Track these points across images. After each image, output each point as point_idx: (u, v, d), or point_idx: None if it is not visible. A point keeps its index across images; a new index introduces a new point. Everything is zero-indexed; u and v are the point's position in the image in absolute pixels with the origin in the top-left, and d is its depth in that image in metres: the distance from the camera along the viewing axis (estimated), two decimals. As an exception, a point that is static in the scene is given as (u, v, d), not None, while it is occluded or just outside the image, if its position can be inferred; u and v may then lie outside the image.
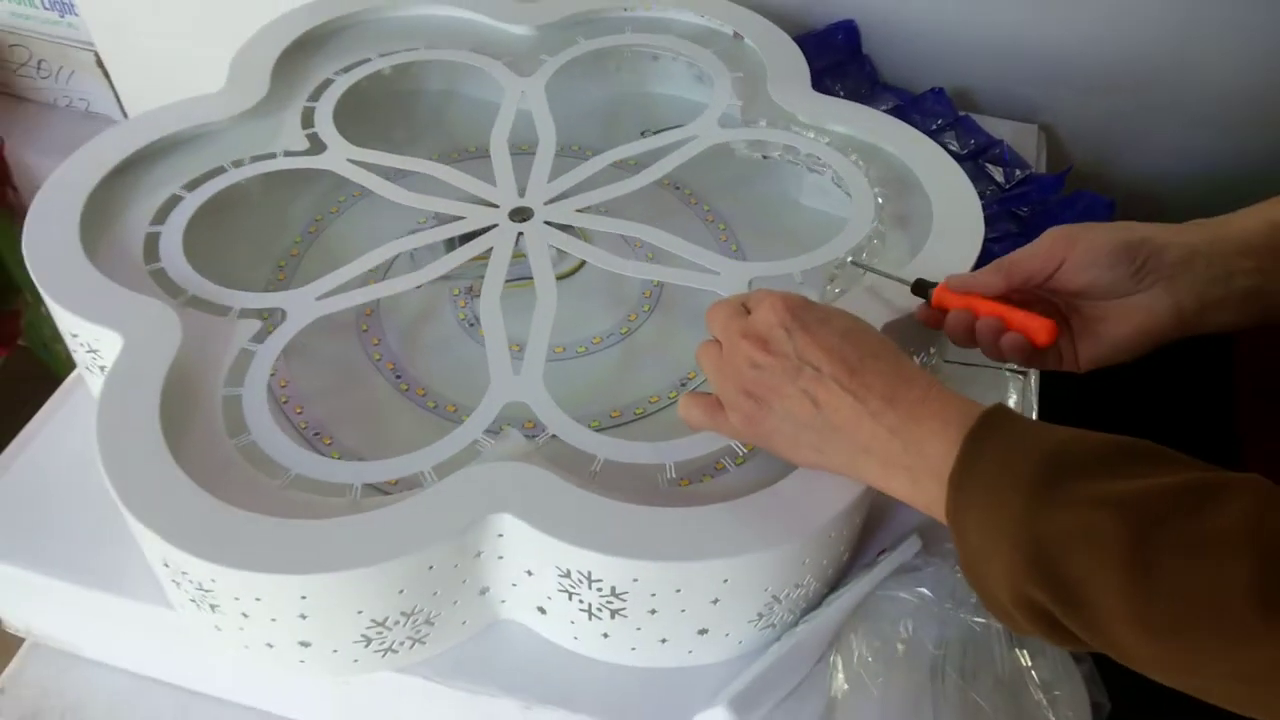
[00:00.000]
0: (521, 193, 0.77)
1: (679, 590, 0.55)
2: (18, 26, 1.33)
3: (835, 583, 0.63)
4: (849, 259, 0.71)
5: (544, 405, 0.63)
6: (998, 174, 0.91)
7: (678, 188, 0.88)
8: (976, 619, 0.60)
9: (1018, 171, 0.91)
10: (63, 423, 0.71)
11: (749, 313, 0.58)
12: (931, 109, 0.97)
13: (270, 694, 0.67)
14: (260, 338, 0.66)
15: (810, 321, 0.55)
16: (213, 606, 0.56)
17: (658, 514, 0.55)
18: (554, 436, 0.61)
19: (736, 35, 0.92)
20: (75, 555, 0.64)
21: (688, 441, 0.61)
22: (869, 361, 0.54)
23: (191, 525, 0.53)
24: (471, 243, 0.73)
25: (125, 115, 1.36)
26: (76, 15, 1.29)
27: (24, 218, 1.38)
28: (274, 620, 0.55)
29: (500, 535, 0.56)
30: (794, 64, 0.88)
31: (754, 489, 0.58)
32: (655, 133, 0.93)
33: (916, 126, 0.83)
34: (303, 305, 0.68)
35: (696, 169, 0.82)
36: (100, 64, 1.33)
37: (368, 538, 0.53)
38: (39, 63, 1.36)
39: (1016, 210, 0.86)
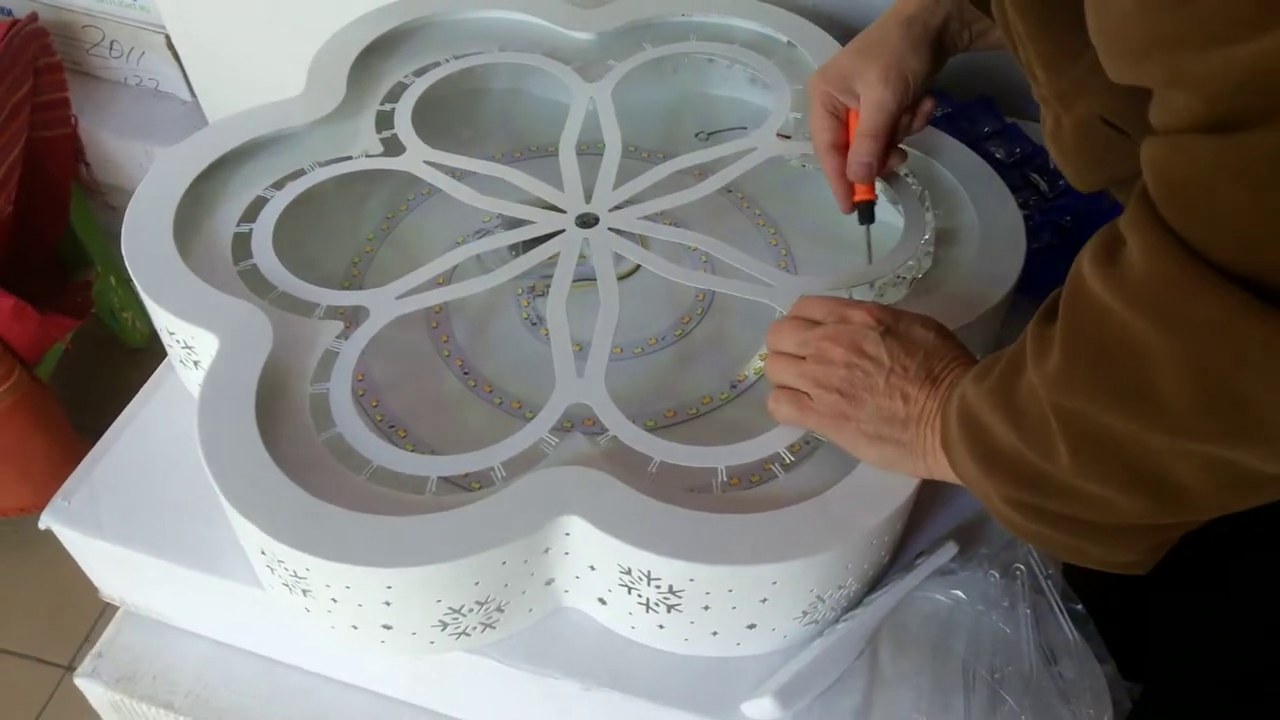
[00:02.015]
0: (588, 198, 0.81)
1: (731, 590, 0.60)
2: (91, 9, 1.38)
3: (875, 583, 0.68)
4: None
5: (606, 408, 0.67)
6: (1041, 183, 0.94)
7: (730, 190, 0.92)
8: (1006, 623, 0.65)
9: (1060, 181, 0.93)
10: (156, 410, 0.76)
11: (841, 323, 0.63)
12: (979, 116, 0.99)
13: (349, 666, 0.73)
14: (344, 335, 0.70)
15: (901, 327, 0.62)
16: (304, 592, 0.61)
17: (715, 520, 0.59)
18: (614, 437, 0.66)
19: (790, 44, 0.95)
20: (171, 535, 0.70)
21: (740, 447, 0.65)
22: (952, 364, 0.60)
23: (289, 520, 0.59)
24: (540, 247, 0.77)
25: (194, 95, 1.41)
26: (148, -1, 1.34)
27: (95, 192, 1.45)
28: (360, 606, 0.60)
29: (567, 534, 0.60)
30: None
31: (800, 492, 0.63)
32: (710, 134, 0.97)
33: (964, 134, 0.86)
34: (384, 304, 0.73)
35: (750, 174, 0.86)
36: (170, 45, 1.37)
37: (449, 535, 0.58)
38: (111, 43, 1.41)
39: (1059, 221, 0.89)
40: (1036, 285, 0.77)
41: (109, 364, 1.58)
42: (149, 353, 1.59)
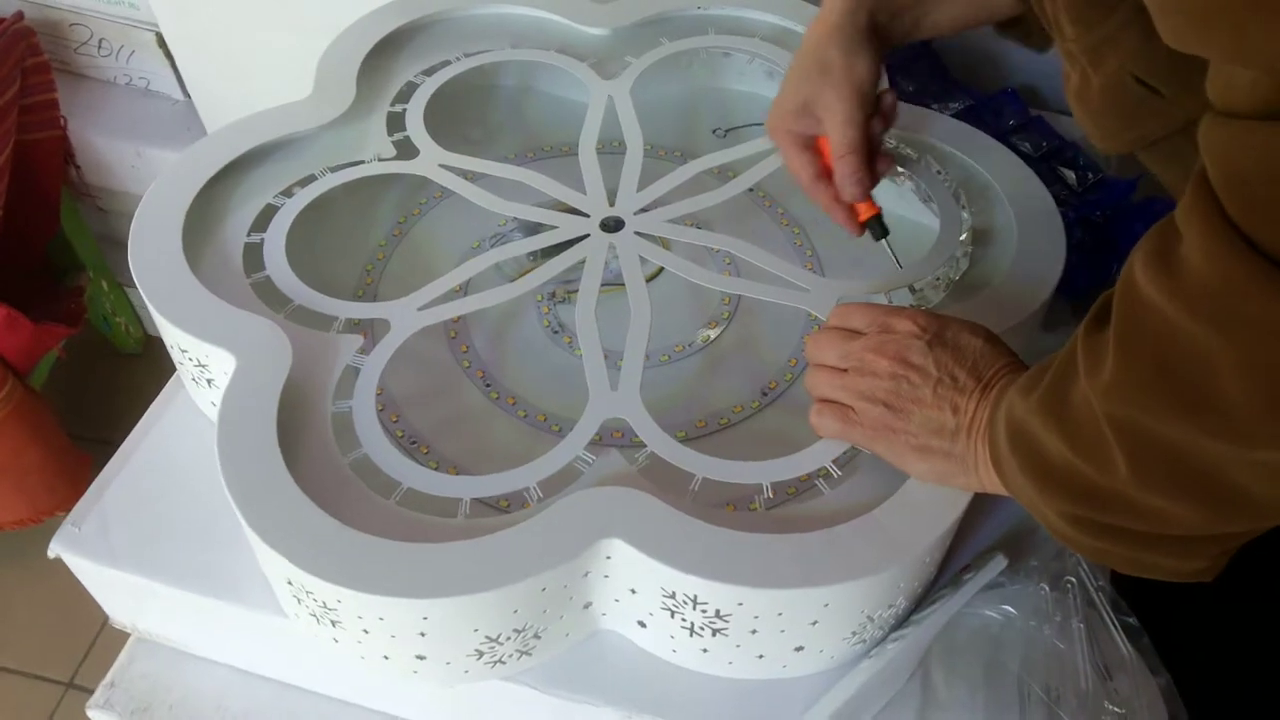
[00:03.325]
0: (611, 200, 0.78)
1: (781, 613, 0.57)
2: (79, 6, 1.34)
3: (922, 599, 0.65)
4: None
5: (643, 422, 0.65)
6: (1070, 177, 0.91)
7: (751, 189, 0.89)
8: (1060, 639, 0.62)
9: (1089, 175, 0.91)
10: (167, 430, 0.73)
11: (884, 332, 0.60)
12: (1003, 109, 0.97)
13: (377, 694, 0.70)
14: (364, 350, 0.68)
15: (948, 335, 0.59)
16: (334, 623, 0.58)
17: (764, 541, 0.57)
18: (652, 454, 0.63)
19: (810, 35, 0.92)
20: (187, 561, 0.67)
21: (785, 462, 0.63)
22: (1002, 372, 0.58)
23: (318, 549, 0.56)
24: (566, 253, 0.75)
25: (186, 94, 1.37)
26: (138, -6, 1.30)
27: (86, 195, 1.41)
28: (393, 637, 0.58)
29: (608, 558, 0.58)
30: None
31: (846, 507, 0.61)
32: (728, 131, 0.95)
33: (987, 127, 0.84)
34: (405, 316, 0.70)
35: (774, 172, 0.83)
36: (161, 43, 1.34)
37: (487, 563, 0.55)
38: (100, 41, 1.37)
39: (1091, 216, 0.87)
40: (1071, 284, 0.75)
41: (103, 370, 1.55)
42: (143, 359, 1.55)
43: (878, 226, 0.70)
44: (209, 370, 0.68)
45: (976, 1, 0.70)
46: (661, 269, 0.81)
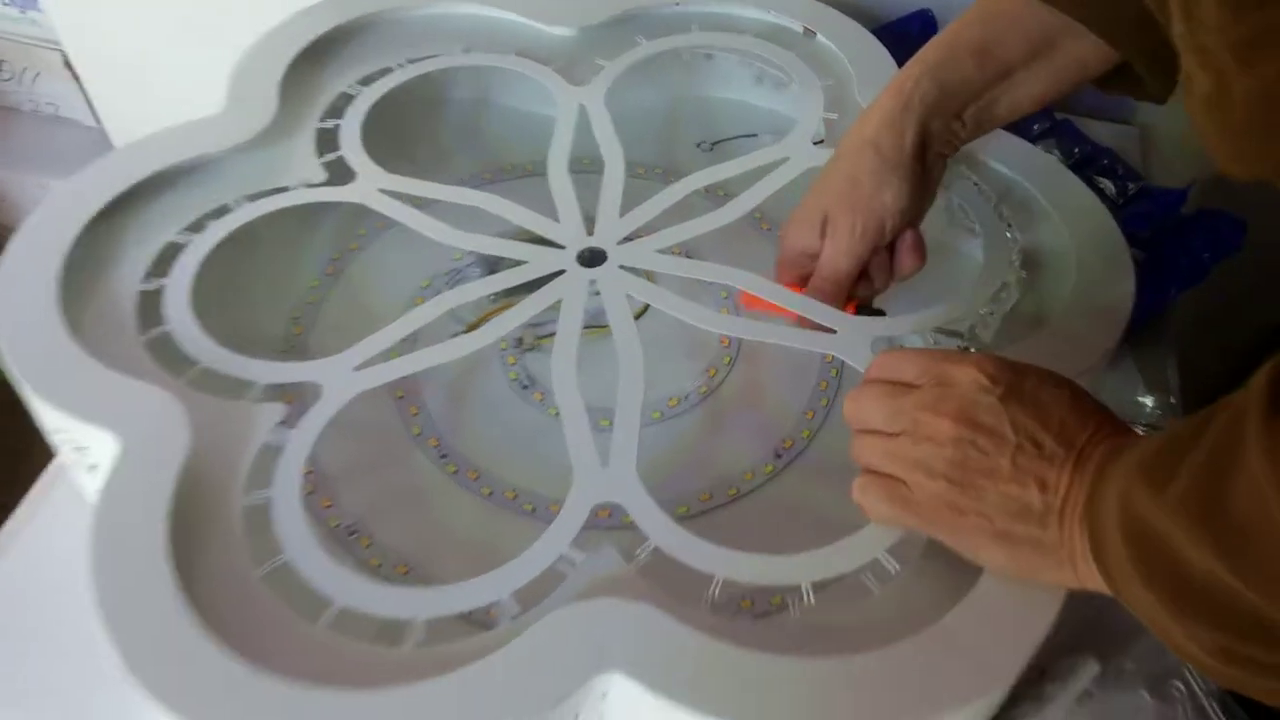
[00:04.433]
0: (589, 228, 0.65)
1: (833, 759, 0.44)
2: (-25, 24, 1.20)
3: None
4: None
5: (643, 509, 0.51)
6: (1108, 188, 0.80)
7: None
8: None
9: (1130, 185, 0.80)
10: (42, 529, 0.59)
11: (941, 385, 0.48)
12: (1026, 112, 0.86)
13: None
14: (290, 422, 0.54)
15: (1025, 389, 0.46)
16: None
17: (808, 669, 0.44)
18: (656, 548, 0.50)
19: (808, 31, 0.80)
20: (64, 701, 0.52)
21: (828, 555, 0.49)
22: (1098, 437, 0.45)
23: (217, 699, 0.42)
24: (536, 294, 0.61)
25: (98, 120, 1.23)
26: (40, 11, 1.15)
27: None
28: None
29: (604, 695, 0.45)
30: (880, 65, 0.76)
31: (901, 608, 0.48)
32: (714, 144, 0.82)
33: (1011, 133, 0.72)
34: (339, 377, 0.56)
35: (775, 193, 0.71)
36: (69, 64, 1.19)
37: (446, 714, 0.42)
38: (0, 63, 1.23)
39: (1136, 232, 0.75)
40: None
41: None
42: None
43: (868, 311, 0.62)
44: (90, 454, 0.54)
45: (1060, 67, 0.59)
46: (646, 307, 0.68)
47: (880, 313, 0.61)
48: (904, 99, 0.58)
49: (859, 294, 0.62)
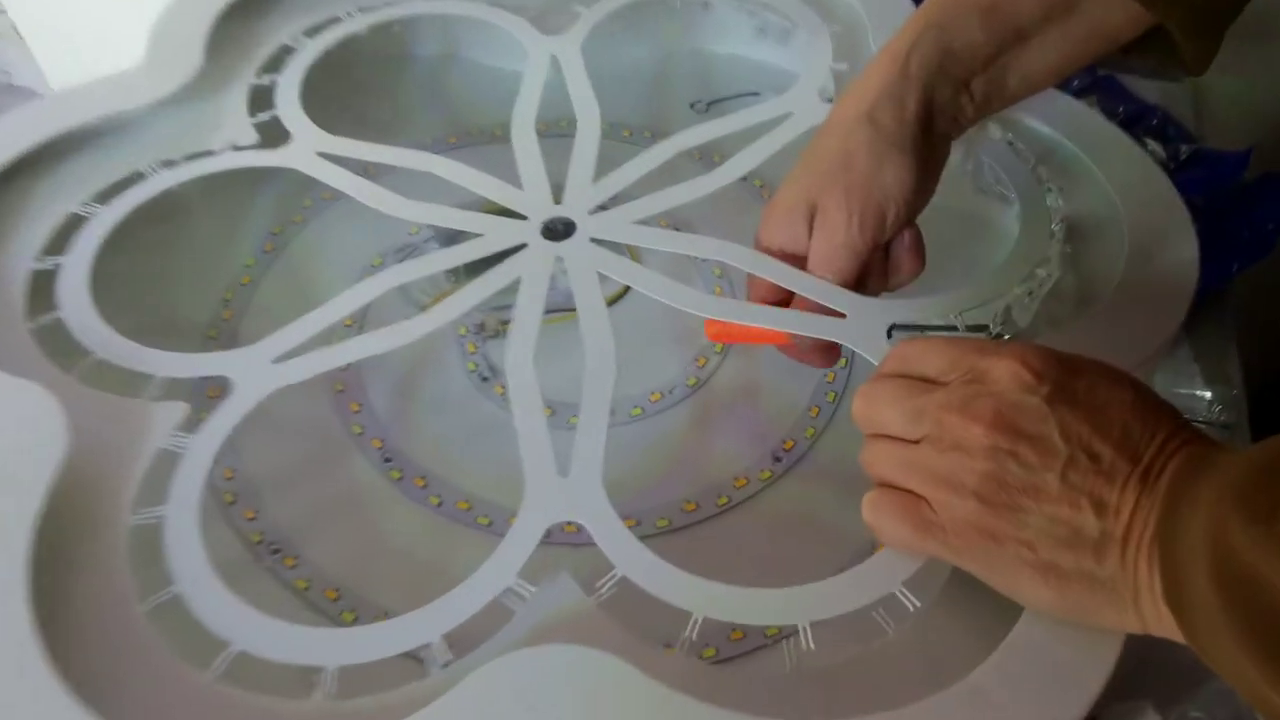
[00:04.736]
0: (557, 197, 0.56)
1: None
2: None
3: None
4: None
5: (609, 530, 0.42)
6: (1158, 150, 0.71)
7: (745, 178, 0.68)
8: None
9: (1183, 147, 0.71)
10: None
11: (974, 382, 0.39)
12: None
13: None
14: (190, 426, 0.46)
15: (1077, 387, 0.38)
16: None
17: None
18: (623, 578, 0.41)
19: (814, -27, 0.71)
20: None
21: (834, 590, 0.40)
22: (1169, 447, 0.37)
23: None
24: (493, 271, 0.53)
25: (51, 89, 1.14)
26: (-14, -30, 1.07)
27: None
28: None
29: (556, 764, 0.36)
30: (896, 7, 0.67)
31: (920, 652, 0.39)
32: (710, 104, 0.74)
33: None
34: (254, 370, 0.48)
35: (775, 154, 0.62)
36: (16, 29, 1.11)
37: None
38: (-53, 28, 1.15)
39: (1191, 199, 0.66)
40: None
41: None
42: None
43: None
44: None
45: (1079, 32, 0.50)
46: (628, 289, 0.59)
47: None
48: (900, 63, 0.49)
49: None
